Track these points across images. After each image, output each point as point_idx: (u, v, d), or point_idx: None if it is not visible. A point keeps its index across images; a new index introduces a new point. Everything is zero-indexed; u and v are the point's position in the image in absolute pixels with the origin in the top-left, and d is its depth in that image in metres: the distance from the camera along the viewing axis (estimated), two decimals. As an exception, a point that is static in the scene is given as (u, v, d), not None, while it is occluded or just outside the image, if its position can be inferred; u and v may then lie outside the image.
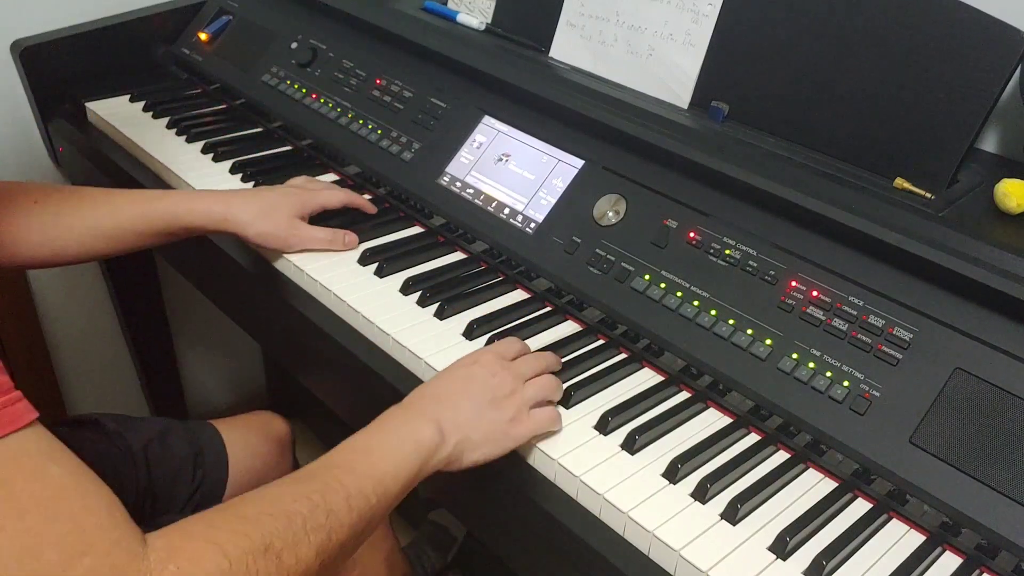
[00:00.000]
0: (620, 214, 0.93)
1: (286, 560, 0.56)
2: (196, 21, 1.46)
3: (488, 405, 0.73)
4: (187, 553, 0.53)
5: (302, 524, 0.58)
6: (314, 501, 0.60)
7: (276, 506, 0.59)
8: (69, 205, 0.94)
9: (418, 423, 0.70)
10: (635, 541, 0.70)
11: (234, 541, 0.55)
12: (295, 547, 0.57)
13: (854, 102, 0.92)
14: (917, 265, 0.76)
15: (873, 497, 0.74)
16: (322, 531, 0.59)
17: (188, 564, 0.53)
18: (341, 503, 0.61)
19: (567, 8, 1.14)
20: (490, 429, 0.73)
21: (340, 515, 0.61)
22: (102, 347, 1.66)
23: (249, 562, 0.54)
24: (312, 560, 0.58)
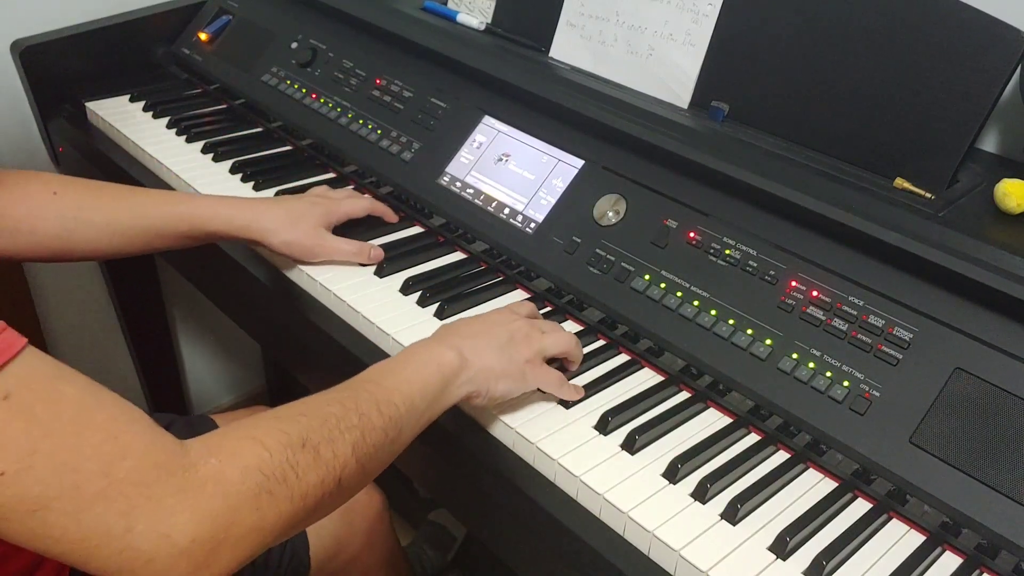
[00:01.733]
0: (620, 214, 0.93)
1: (324, 454, 0.59)
2: (196, 21, 1.46)
3: (507, 343, 0.77)
4: (228, 448, 0.55)
5: (336, 423, 0.61)
6: (346, 405, 0.63)
7: (310, 407, 0.61)
8: (90, 199, 0.92)
9: (440, 348, 0.73)
10: (635, 541, 0.70)
11: (273, 436, 0.57)
12: (331, 443, 0.59)
13: (854, 102, 0.92)
14: (917, 265, 0.76)
15: (873, 497, 0.74)
16: (355, 430, 0.62)
17: (229, 456, 0.54)
18: (372, 407, 0.64)
19: (567, 8, 1.14)
20: (509, 364, 0.76)
21: (372, 418, 0.64)
22: (102, 346, 1.66)
23: (288, 454, 0.56)
24: (348, 456, 0.60)
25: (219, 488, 0.52)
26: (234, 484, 0.53)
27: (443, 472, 0.86)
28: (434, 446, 0.84)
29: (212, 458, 0.54)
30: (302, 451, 0.57)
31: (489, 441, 0.79)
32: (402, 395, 0.67)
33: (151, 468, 0.51)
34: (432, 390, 0.70)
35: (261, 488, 0.54)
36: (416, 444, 0.87)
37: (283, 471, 0.56)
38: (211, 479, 0.53)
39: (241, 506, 0.53)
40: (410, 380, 0.69)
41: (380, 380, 0.68)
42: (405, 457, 0.93)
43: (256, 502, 0.54)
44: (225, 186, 1.14)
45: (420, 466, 0.92)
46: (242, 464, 0.54)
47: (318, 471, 0.58)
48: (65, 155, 1.40)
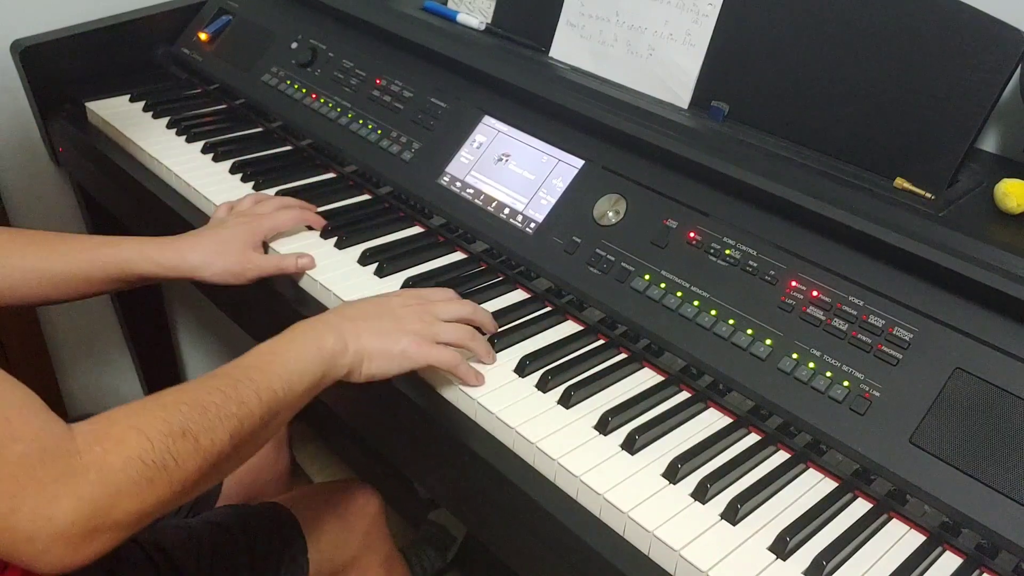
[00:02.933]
0: (620, 214, 0.93)
1: (203, 442, 0.62)
2: (196, 21, 1.46)
3: (391, 326, 0.79)
4: (112, 436, 0.58)
5: (216, 412, 0.64)
6: (226, 394, 0.66)
7: (191, 396, 0.64)
8: (16, 246, 0.90)
9: (321, 331, 0.76)
10: (635, 541, 0.70)
11: (155, 425, 0.59)
12: (210, 432, 0.62)
13: (854, 102, 0.92)
14: (917, 265, 0.76)
15: (873, 497, 0.74)
16: (234, 419, 0.65)
17: (114, 445, 0.57)
18: (251, 395, 0.67)
19: (567, 8, 1.14)
20: (389, 347, 0.78)
21: (251, 406, 0.66)
22: (102, 347, 1.66)
23: (169, 443, 0.59)
24: (226, 443, 0.63)
25: (101, 475, 0.55)
26: (116, 472, 0.56)
27: (443, 472, 0.86)
28: (434, 446, 0.84)
29: (97, 446, 0.56)
30: (182, 440, 0.60)
31: (489, 441, 0.79)
32: (282, 380, 0.70)
33: (39, 452, 0.54)
34: (312, 375, 0.73)
35: (142, 476, 0.57)
36: (416, 444, 0.88)
37: (163, 459, 0.58)
38: (94, 466, 0.55)
39: (122, 492, 0.56)
40: (291, 365, 0.72)
41: (262, 366, 0.70)
42: (405, 458, 0.94)
43: (136, 489, 0.57)
44: (225, 186, 1.14)
45: (420, 467, 0.92)
46: (125, 453, 0.57)
47: (196, 459, 0.61)
48: (65, 155, 1.40)
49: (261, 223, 0.99)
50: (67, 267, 0.91)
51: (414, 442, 0.88)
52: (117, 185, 1.26)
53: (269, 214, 1.01)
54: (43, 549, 0.53)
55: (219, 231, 0.97)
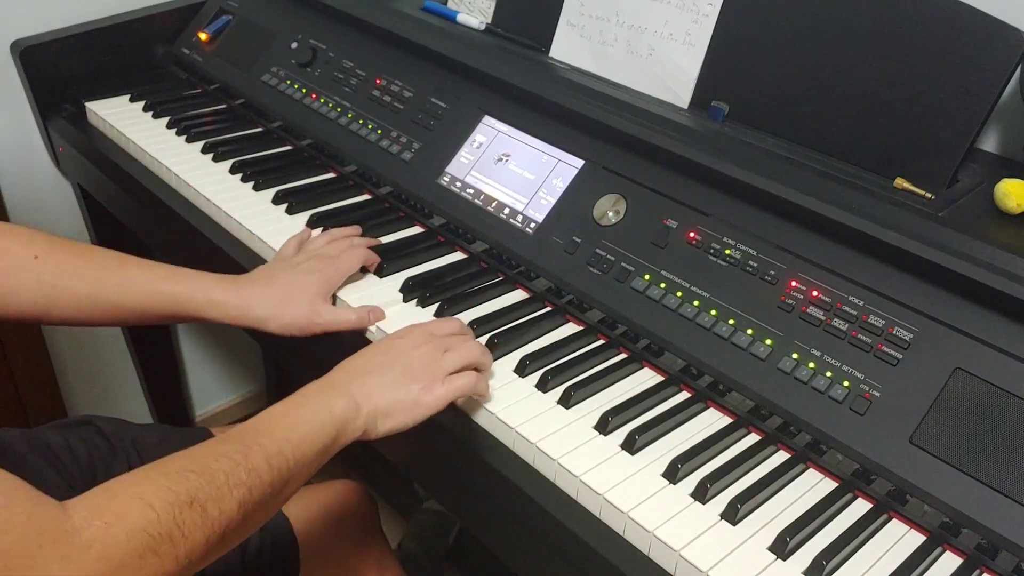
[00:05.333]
0: (620, 214, 0.93)
1: (210, 512, 0.59)
2: (196, 21, 1.46)
3: (402, 376, 0.77)
4: (113, 508, 0.54)
5: (224, 480, 0.60)
6: (235, 460, 0.62)
7: (199, 463, 0.61)
8: (74, 266, 0.85)
9: (332, 395, 0.73)
10: (635, 541, 0.70)
11: (159, 495, 0.56)
12: (219, 501, 0.59)
13: (854, 102, 0.92)
14: (917, 265, 0.76)
15: (873, 497, 0.74)
16: (243, 487, 0.62)
17: (115, 518, 0.54)
18: (261, 462, 0.64)
19: (567, 8, 1.14)
20: (401, 399, 0.76)
21: (260, 473, 0.63)
22: (102, 348, 1.66)
23: (175, 513, 0.56)
24: (235, 513, 0.60)
25: (104, 551, 0.52)
26: (119, 546, 0.53)
27: (442, 472, 0.86)
28: (433, 446, 0.84)
29: (97, 519, 0.53)
30: (189, 510, 0.57)
31: (489, 441, 0.79)
32: (292, 446, 0.67)
33: (34, 538, 0.51)
34: (323, 440, 0.70)
35: (146, 548, 0.54)
36: (416, 445, 0.88)
37: (169, 530, 0.56)
38: (97, 541, 0.53)
39: (126, 567, 0.53)
40: (301, 430, 0.69)
41: (272, 431, 0.67)
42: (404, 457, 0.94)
43: (141, 562, 0.54)
44: (225, 186, 1.14)
45: (419, 466, 0.92)
46: (128, 525, 0.54)
47: (204, 529, 0.58)
48: (65, 155, 1.40)
49: (335, 272, 0.92)
50: (122, 297, 0.86)
51: (413, 442, 0.88)
52: (117, 185, 1.26)
53: (339, 257, 0.94)
54: None
55: (289, 278, 0.90)
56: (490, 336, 0.88)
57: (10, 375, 1.50)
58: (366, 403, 0.74)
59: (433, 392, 0.77)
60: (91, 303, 0.86)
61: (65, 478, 0.91)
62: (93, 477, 0.94)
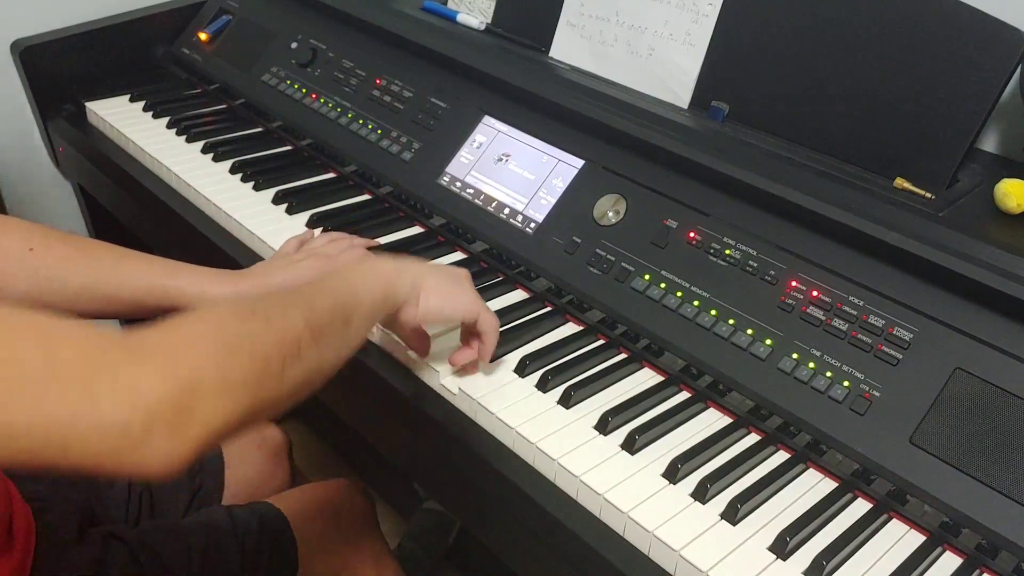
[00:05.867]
0: (620, 214, 0.93)
1: (275, 322, 0.59)
2: (196, 21, 1.46)
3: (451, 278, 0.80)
4: (170, 325, 0.55)
5: (280, 300, 0.63)
6: (285, 292, 0.66)
7: (252, 298, 0.63)
8: (70, 261, 0.85)
9: (385, 264, 0.77)
10: (635, 541, 0.70)
11: (218, 313, 0.58)
12: (283, 314, 0.61)
13: (854, 102, 0.92)
14: (917, 265, 0.76)
15: (873, 497, 0.74)
16: (303, 306, 0.63)
17: (174, 330, 0.54)
18: (315, 292, 0.66)
19: (567, 8, 1.14)
20: (443, 286, 0.79)
21: (315, 299, 0.65)
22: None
23: (237, 322, 0.57)
24: (301, 326, 0.61)
25: (171, 356, 0.52)
26: (185, 350, 0.53)
27: (442, 472, 0.86)
28: (433, 446, 0.84)
29: (153, 333, 0.53)
30: (252, 318, 0.58)
31: (489, 441, 0.79)
32: (344, 289, 0.69)
33: (93, 349, 0.50)
34: (371, 291, 0.72)
35: (215, 350, 0.54)
36: (415, 444, 0.88)
37: (236, 335, 0.56)
38: (160, 349, 0.52)
39: (200, 365, 0.53)
40: (348, 281, 0.71)
41: (318, 284, 0.70)
42: (404, 458, 0.94)
43: (214, 360, 0.53)
44: (225, 186, 1.14)
45: (419, 466, 0.92)
46: (188, 333, 0.54)
47: (273, 336, 0.58)
48: (65, 155, 1.40)
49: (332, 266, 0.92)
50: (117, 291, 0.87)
51: (413, 442, 0.88)
52: (117, 185, 1.26)
53: (338, 256, 0.94)
54: (141, 437, 0.49)
55: (285, 275, 0.91)
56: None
57: None
58: (412, 273, 0.77)
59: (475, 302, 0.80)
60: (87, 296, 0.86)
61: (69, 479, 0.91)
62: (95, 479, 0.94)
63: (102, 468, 0.50)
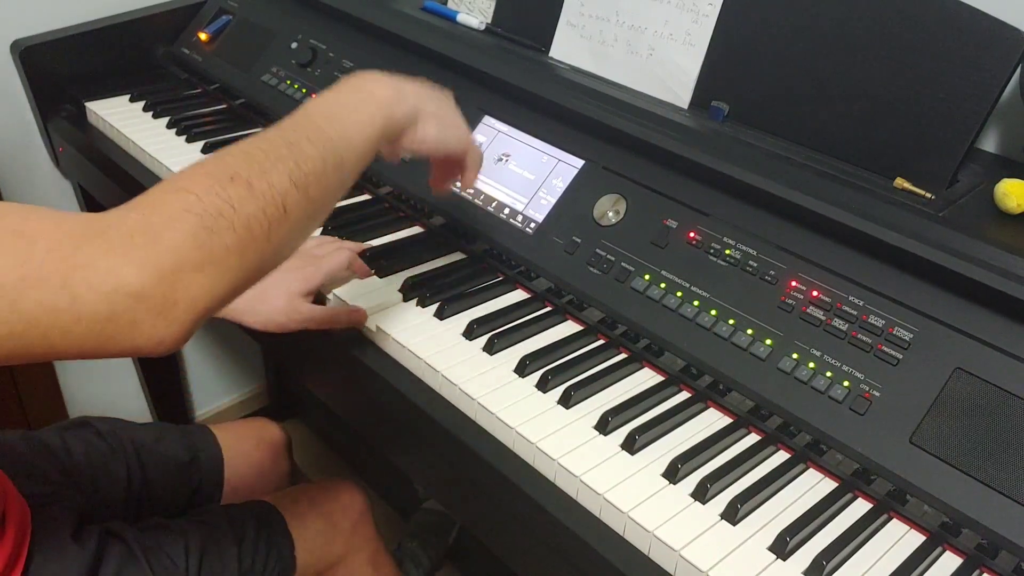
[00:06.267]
0: (620, 214, 0.93)
1: (258, 185, 0.56)
2: (196, 21, 1.46)
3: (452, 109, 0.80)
4: (147, 201, 0.53)
5: (263, 156, 0.58)
6: (270, 139, 0.61)
7: (232, 149, 0.59)
8: None
9: (373, 82, 0.73)
10: (635, 541, 0.70)
11: (195, 180, 0.55)
12: (264, 175, 0.57)
13: (854, 102, 0.92)
14: (917, 265, 0.76)
15: (873, 497, 0.74)
16: (288, 160, 0.59)
17: (151, 207, 0.53)
18: (300, 138, 0.62)
19: (567, 8, 1.14)
20: (442, 111, 0.78)
21: (302, 147, 0.61)
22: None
23: (218, 190, 0.54)
24: (287, 184, 0.58)
25: (149, 241, 0.51)
26: (164, 229, 0.51)
27: (442, 472, 0.86)
28: (433, 446, 0.84)
29: (132, 213, 0.52)
30: (232, 185, 0.55)
31: (489, 441, 0.79)
32: (334, 124, 0.66)
33: (67, 240, 0.50)
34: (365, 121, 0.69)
35: (196, 226, 0.52)
36: (415, 443, 0.88)
37: (216, 206, 0.53)
38: (137, 231, 0.51)
39: (180, 245, 0.51)
40: (341, 110, 0.68)
41: (308, 113, 0.66)
42: (405, 458, 0.94)
43: (195, 239, 0.52)
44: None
45: (420, 466, 0.92)
46: (168, 210, 0.52)
47: (256, 201, 0.56)
48: (65, 155, 1.40)
49: (314, 272, 0.90)
50: None
51: (414, 442, 0.88)
52: (117, 185, 1.26)
53: (324, 257, 0.92)
54: (128, 323, 0.49)
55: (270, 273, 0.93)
56: (490, 336, 0.88)
57: (10, 375, 1.50)
58: (412, 97, 0.74)
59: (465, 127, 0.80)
60: None
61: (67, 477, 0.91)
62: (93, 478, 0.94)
63: (95, 353, 0.50)
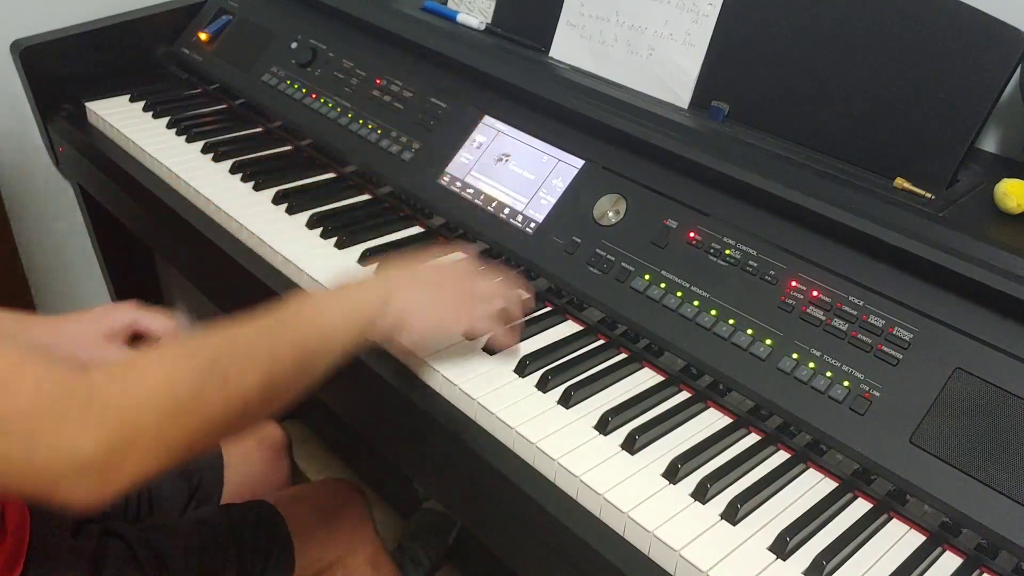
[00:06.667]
0: (620, 214, 0.93)
1: (231, 381, 0.59)
2: (196, 21, 1.46)
3: (440, 301, 0.79)
4: (133, 374, 0.56)
5: (246, 353, 0.62)
6: (259, 337, 0.64)
7: (224, 334, 0.62)
8: None
9: (371, 294, 0.75)
10: (635, 541, 0.70)
11: (180, 360, 0.58)
12: (240, 373, 0.60)
13: (854, 102, 0.92)
14: (917, 265, 0.76)
15: (873, 497, 0.74)
16: (265, 362, 0.62)
17: (134, 383, 0.55)
18: (284, 345, 0.65)
19: (567, 8, 1.14)
20: (431, 319, 0.78)
21: (282, 355, 0.64)
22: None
23: (195, 378, 0.57)
24: (255, 387, 0.61)
25: (119, 413, 0.53)
26: (135, 409, 0.54)
27: (443, 472, 0.86)
28: (434, 446, 0.84)
29: (116, 383, 0.54)
30: (210, 377, 0.58)
31: (489, 441, 0.79)
32: (319, 334, 0.68)
33: (48, 396, 0.52)
34: (349, 334, 0.72)
35: (163, 412, 0.55)
36: (415, 443, 0.88)
37: (188, 395, 0.56)
38: (113, 405, 0.53)
39: (142, 430, 0.54)
40: (330, 322, 0.70)
41: (300, 317, 0.69)
42: (405, 458, 0.94)
43: (159, 423, 0.55)
44: (225, 186, 1.14)
45: (420, 467, 0.92)
46: (145, 389, 0.55)
47: (224, 398, 0.59)
48: (65, 155, 1.40)
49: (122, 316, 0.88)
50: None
51: (414, 442, 0.88)
52: (117, 185, 1.26)
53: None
54: (71, 486, 0.52)
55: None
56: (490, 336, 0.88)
57: None
58: (398, 312, 0.75)
59: (461, 323, 0.80)
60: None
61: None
62: None
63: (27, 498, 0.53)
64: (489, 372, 0.84)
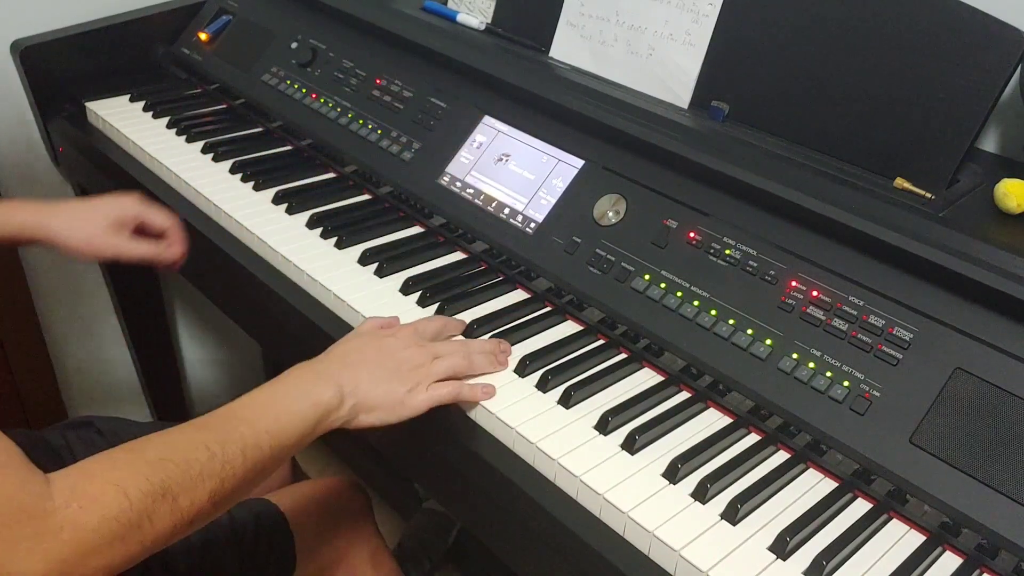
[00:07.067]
0: (620, 214, 0.93)
1: (182, 503, 0.61)
2: (196, 21, 1.46)
3: (391, 375, 0.77)
4: (90, 493, 0.57)
5: (199, 472, 0.62)
6: (212, 451, 0.64)
7: (177, 453, 0.62)
8: None
9: (320, 384, 0.74)
10: (635, 541, 0.70)
11: (135, 484, 0.59)
12: (191, 492, 0.61)
13: (854, 102, 0.92)
14: (917, 265, 0.76)
15: (873, 497, 0.74)
16: (216, 478, 0.63)
17: (90, 503, 0.57)
18: (237, 454, 0.65)
19: (567, 8, 1.14)
20: (386, 398, 0.76)
21: (235, 465, 0.65)
22: (102, 347, 1.66)
23: (148, 503, 0.59)
24: (205, 503, 0.63)
25: (74, 535, 0.55)
26: (90, 531, 0.56)
27: (442, 472, 0.86)
28: (434, 446, 0.84)
29: (74, 503, 0.56)
30: (162, 501, 0.59)
31: (489, 441, 0.79)
32: (271, 437, 0.68)
33: (13, 512, 0.54)
34: (303, 430, 0.71)
35: (115, 535, 0.57)
36: (415, 443, 0.88)
37: (139, 520, 0.58)
38: (68, 525, 0.55)
39: (92, 552, 0.56)
40: (282, 419, 0.70)
41: (254, 420, 0.68)
42: (405, 458, 0.94)
43: (108, 548, 0.57)
44: (225, 186, 1.14)
45: (420, 467, 0.92)
46: (100, 512, 0.57)
47: (173, 519, 0.60)
48: (65, 155, 1.40)
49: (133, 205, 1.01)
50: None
51: (413, 442, 0.88)
52: (117, 185, 1.26)
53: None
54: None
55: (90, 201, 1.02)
56: (490, 336, 0.88)
57: (10, 375, 1.50)
58: (352, 395, 0.75)
59: (417, 396, 0.78)
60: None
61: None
62: None
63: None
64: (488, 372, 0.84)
